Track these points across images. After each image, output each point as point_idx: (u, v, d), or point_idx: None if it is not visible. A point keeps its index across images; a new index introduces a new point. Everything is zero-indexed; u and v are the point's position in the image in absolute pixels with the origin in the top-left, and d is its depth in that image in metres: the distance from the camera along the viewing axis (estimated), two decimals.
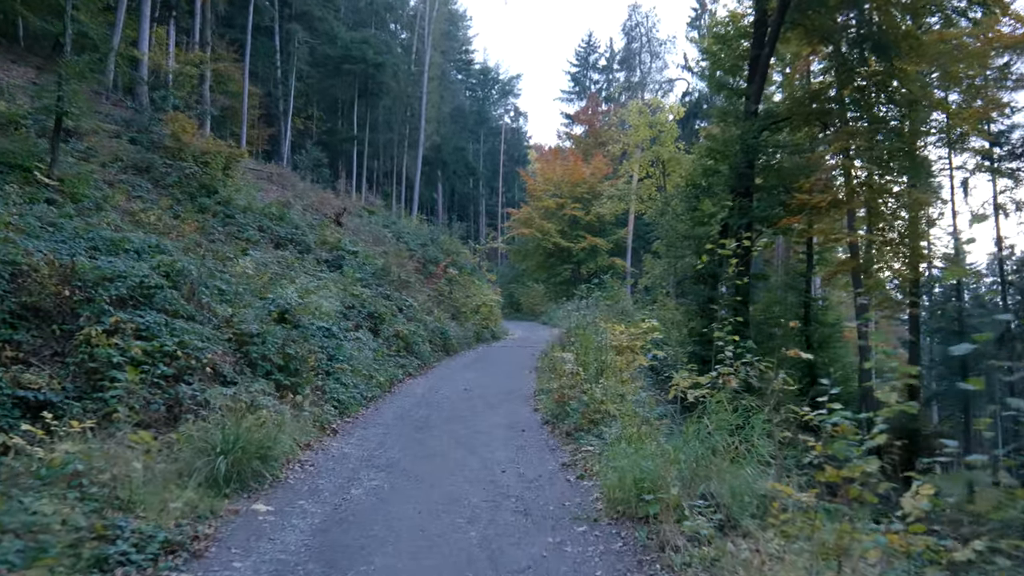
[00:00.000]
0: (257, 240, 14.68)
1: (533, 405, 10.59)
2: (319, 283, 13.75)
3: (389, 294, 16.61)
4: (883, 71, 17.98)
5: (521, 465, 6.79)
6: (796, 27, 18.65)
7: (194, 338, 7.53)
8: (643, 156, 36.40)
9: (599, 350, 8.73)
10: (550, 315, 33.64)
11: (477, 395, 11.62)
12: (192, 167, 15.15)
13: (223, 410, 6.61)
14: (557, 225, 38.79)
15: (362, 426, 8.76)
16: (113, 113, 17.71)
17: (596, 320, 11.21)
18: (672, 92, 55.53)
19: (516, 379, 13.72)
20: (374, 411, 9.89)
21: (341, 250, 17.16)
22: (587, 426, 7.48)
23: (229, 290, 9.70)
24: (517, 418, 9.47)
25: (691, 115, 46.51)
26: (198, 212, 14.02)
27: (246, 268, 11.84)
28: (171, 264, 8.90)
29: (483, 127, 64.00)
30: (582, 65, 63.60)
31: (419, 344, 15.31)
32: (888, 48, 16.98)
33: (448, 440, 7.94)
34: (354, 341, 12.01)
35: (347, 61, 35.77)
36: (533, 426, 8.80)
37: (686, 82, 53.75)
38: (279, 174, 23.47)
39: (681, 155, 35.63)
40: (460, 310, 21.22)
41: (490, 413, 9.85)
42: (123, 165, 14.58)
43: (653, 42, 55.20)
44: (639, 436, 5.64)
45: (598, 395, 7.48)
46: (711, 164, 20.07)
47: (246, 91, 28.55)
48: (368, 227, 22.51)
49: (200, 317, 8.35)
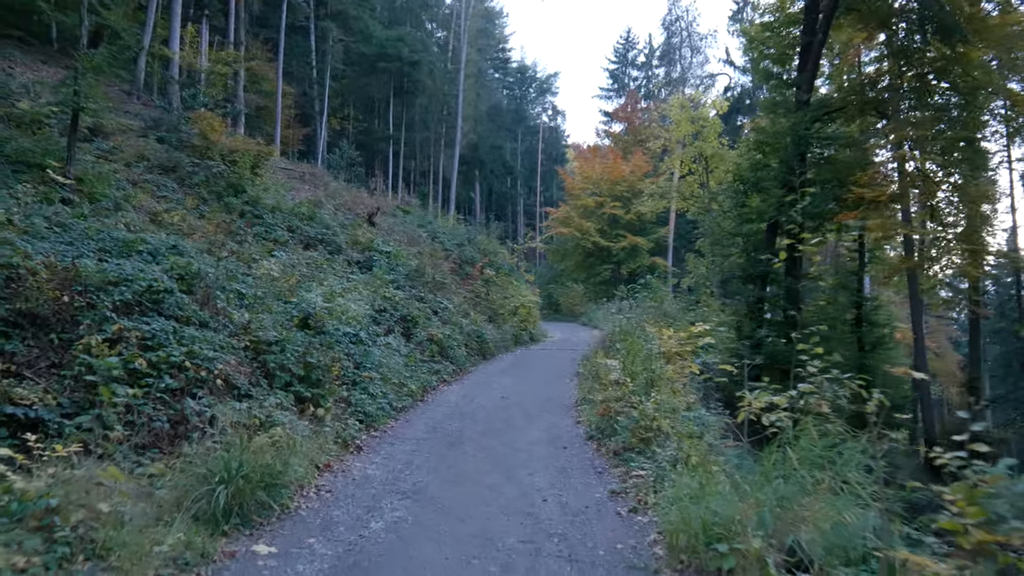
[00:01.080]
0: (285, 241, 14.12)
1: (575, 417, 9.76)
2: (348, 285, 13.13)
3: (423, 296, 15.93)
4: (944, 57, 16.76)
5: (564, 492, 5.96)
6: (850, 12, 17.53)
7: (205, 347, 6.88)
8: (685, 152, 35.26)
9: (649, 358, 7.87)
10: (590, 316, 32.78)
11: (515, 404, 10.84)
12: (219, 166, 14.65)
13: (232, 428, 5.94)
14: (596, 224, 37.86)
15: (389, 441, 8.03)
16: (143, 113, 17.36)
17: (643, 323, 10.33)
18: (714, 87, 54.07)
19: (556, 386, 12.91)
20: (404, 423, 9.17)
21: (373, 251, 16.53)
22: (637, 445, 6.63)
23: (249, 294, 9.07)
24: (558, 432, 8.66)
25: (734, 111, 45.16)
26: (224, 212, 13.50)
27: (271, 270, 11.25)
28: (186, 266, 8.30)
29: (520, 126, 63.27)
30: (621, 62, 62.48)
31: (454, 348, 14.61)
32: (953, 30, 15.76)
33: (482, 459, 7.16)
34: (384, 347, 11.32)
35: (382, 59, 35.32)
36: (576, 442, 7.98)
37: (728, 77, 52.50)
38: (312, 173, 23.00)
39: (725, 151, 34.45)
40: (497, 312, 20.47)
41: (529, 426, 9.06)
42: (149, 164, 14.17)
43: (694, 36, 53.94)
44: (703, 465, 4.78)
45: (649, 410, 6.63)
46: (759, 158, 19.02)
47: (279, 90, 28.23)
48: (402, 227, 21.89)
49: (214, 324, 7.71)
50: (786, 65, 20.39)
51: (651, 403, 6.73)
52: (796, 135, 16.59)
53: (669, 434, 6.43)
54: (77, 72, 10.54)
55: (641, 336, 9.53)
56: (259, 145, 16.45)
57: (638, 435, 6.62)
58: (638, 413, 6.74)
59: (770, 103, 19.32)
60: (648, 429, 6.58)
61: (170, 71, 20.84)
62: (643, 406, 6.76)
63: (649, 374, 7.55)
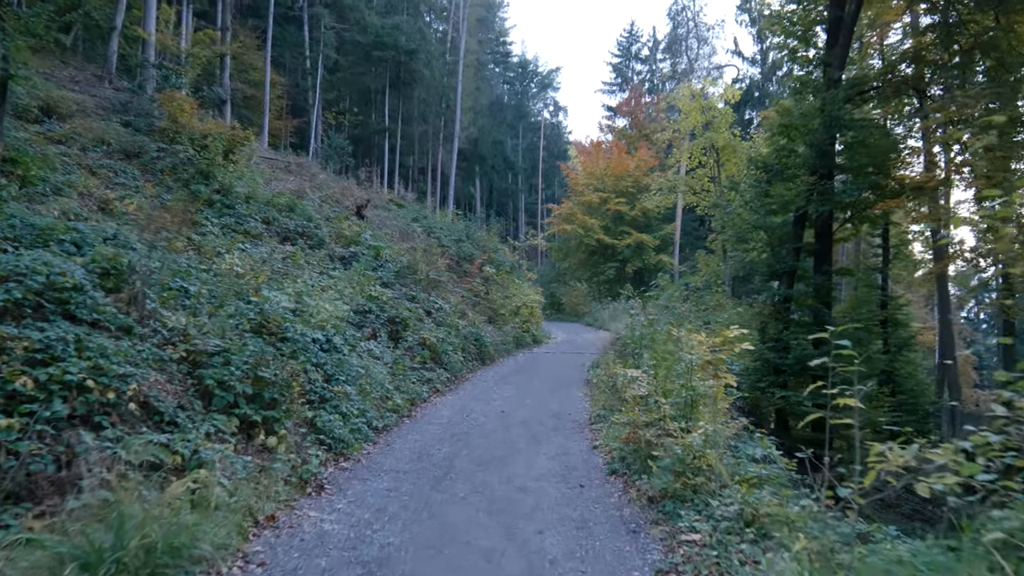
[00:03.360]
0: (259, 233, 12.54)
1: (590, 439, 8.17)
2: (328, 282, 11.57)
3: (415, 295, 14.37)
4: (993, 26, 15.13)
5: (588, 565, 4.34)
6: None
7: (118, 361, 5.30)
8: (695, 143, 33.69)
9: (687, 371, 6.28)
10: (595, 316, 31.35)
11: (517, 421, 9.26)
12: (188, 151, 13.07)
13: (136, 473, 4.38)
14: (601, 221, 36.33)
15: (361, 476, 6.43)
16: (112, 97, 15.83)
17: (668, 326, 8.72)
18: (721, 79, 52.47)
19: (564, 397, 11.35)
20: (383, 448, 7.58)
21: (360, 245, 14.95)
22: (681, 491, 5.05)
23: (196, 292, 7.49)
24: (571, 461, 7.07)
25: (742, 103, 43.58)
26: (188, 200, 11.92)
27: (234, 265, 9.67)
28: (114, 259, 6.72)
29: (522, 122, 61.77)
30: (624, 55, 60.95)
31: (449, 353, 13.07)
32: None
33: (476, 505, 5.56)
34: (365, 354, 9.75)
35: (377, 48, 33.73)
36: (595, 477, 6.39)
37: (736, 68, 50.91)
38: (298, 164, 21.40)
39: (737, 142, 32.94)
40: (498, 312, 18.91)
41: (535, 452, 7.47)
42: (109, 149, 12.63)
43: (700, 27, 52.39)
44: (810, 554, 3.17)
45: (697, 444, 5.04)
46: (784, 143, 17.39)
47: (267, 79, 26.68)
48: (395, 221, 20.30)
49: (141, 330, 6.14)
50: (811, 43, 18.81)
51: (698, 434, 5.13)
52: (828, 116, 15.01)
53: (723, 476, 4.85)
54: (4, 32, 8.96)
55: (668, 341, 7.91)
56: (233, 129, 14.84)
57: (683, 478, 5.03)
58: (682, 448, 5.14)
59: (799, 82, 17.66)
60: (696, 471, 5.00)
61: (145, 54, 19.31)
62: (688, 439, 5.16)
63: (689, 393, 5.97)
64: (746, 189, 19.11)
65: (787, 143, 17.08)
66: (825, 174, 15.16)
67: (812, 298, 15.85)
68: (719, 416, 5.93)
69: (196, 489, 4.66)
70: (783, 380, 15.09)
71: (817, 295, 15.78)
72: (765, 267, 17.58)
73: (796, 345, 15.24)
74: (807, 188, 15.10)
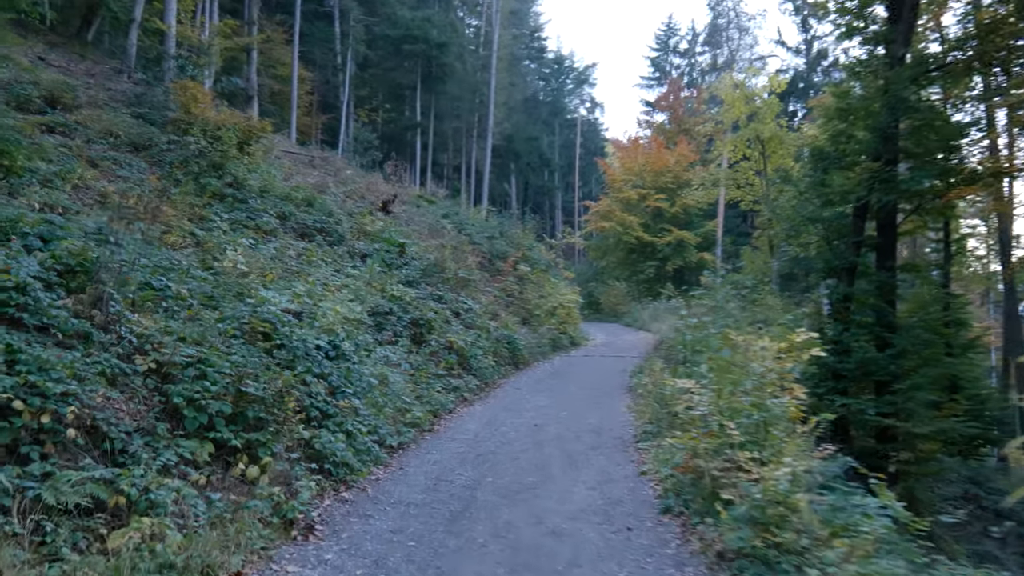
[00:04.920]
0: (273, 229, 11.63)
1: (636, 461, 7.01)
2: (343, 281, 10.60)
3: (442, 295, 13.35)
4: None
5: None
6: None
7: (59, 376, 4.31)
8: (739, 135, 32.09)
9: (759, 386, 5.09)
10: (634, 316, 30.11)
11: (551, 437, 8.15)
12: (200, 142, 12.23)
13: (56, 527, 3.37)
14: (639, 218, 35.04)
15: (364, 510, 5.38)
16: (129, 90, 15.17)
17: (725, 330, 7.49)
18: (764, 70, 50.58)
19: (604, 408, 10.20)
20: (396, 473, 6.53)
21: (383, 241, 13.98)
22: (761, 548, 3.87)
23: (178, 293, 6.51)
24: (616, 491, 5.92)
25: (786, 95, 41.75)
26: (197, 194, 11.05)
27: (237, 262, 8.74)
28: (80, 254, 5.79)
29: (557, 118, 60.54)
30: (662, 49, 59.26)
31: (478, 358, 12.01)
32: None
33: (497, 557, 4.43)
34: (381, 361, 8.73)
35: (408, 41, 32.84)
36: (645, 515, 5.23)
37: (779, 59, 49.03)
38: (323, 158, 20.56)
39: (784, 133, 31.28)
40: (532, 313, 17.79)
41: (572, 478, 6.34)
42: (116, 141, 11.88)
43: (742, 16, 50.60)
44: None
45: (783, 486, 3.85)
46: (843, 127, 15.96)
47: (295, 73, 25.96)
48: (423, 217, 19.31)
49: (104, 337, 5.17)
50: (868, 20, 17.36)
51: (783, 472, 3.94)
52: (893, 97, 13.61)
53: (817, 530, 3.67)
54: None
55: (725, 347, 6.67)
56: (249, 119, 13.99)
57: (765, 532, 3.86)
58: (762, 492, 3.97)
59: (859, 62, 16.20)
60: (783, 521, 3.83)
61: (165, 46, 18.66)
62: (770, 478, 3.97)
63: (764, 413, 4.78)
64: (800, 179, 17.70)
65: (845, 128, 15.68)
66: (890, 160, 13.80)
67: (875, 297, 14.49)
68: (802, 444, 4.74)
69: (141, 542, 3.65)
70: (843, 386, 13.79)
71: (880, 293, 14.42)
72: (822, 263, 16.17)
73: (858, 348, 13.91)
74: (869, 176, 13.75)
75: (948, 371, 16.22)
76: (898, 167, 14.37)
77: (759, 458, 4.56)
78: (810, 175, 16.46)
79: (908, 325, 15.16)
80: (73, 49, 17.63)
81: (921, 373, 14.14)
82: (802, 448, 4.52)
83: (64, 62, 15.82)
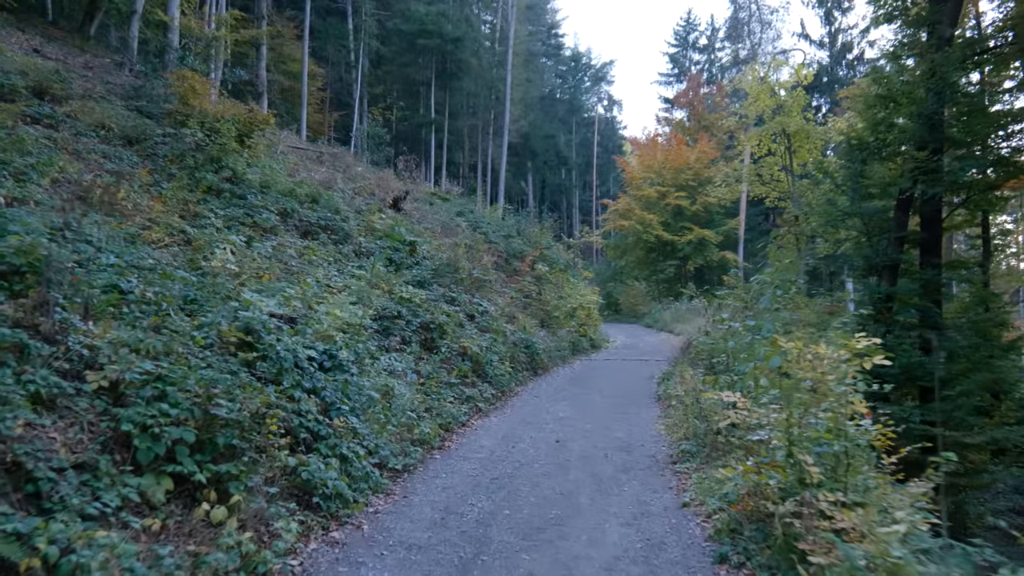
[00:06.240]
0: (273, 226, 10.79)
1: (675, 487, 6.07)
2: (346, 282, 9.74)
3: (455, 296, 12.47)
4: None
5: None
6: None
7: None
8: (764, 129, 30.96)
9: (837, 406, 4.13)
10: (655, 316, 29.17)
11: (576, 457, 7.23)
12: (197, 135, 11.43)
13: None
14: (659, 216, 34.05)
15: (354, 555, 4.49)
16: (128, 83, 14.46)
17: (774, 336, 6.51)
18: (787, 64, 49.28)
19: (632, 420, 9.28)
20: (398, 502, 5.64)
21: (391, 238, 13.12)
22: None
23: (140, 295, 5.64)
24: (656, 529, 4.99)
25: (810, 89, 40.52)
26: (190, 189, 10.24)
27: (227, 262, 7.90)
28: (28, 251, 4.95)
29: (575, 116, 59.70)
30: (681, 45, 58.15)
31: (494, 364, 11.13)
32: None
33: None
34: (384, 371, 7.85)
35: (422, 35, 32.05)
36: (697, 568, 4.26)
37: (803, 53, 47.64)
38: (331, 154, 19.74)
39: (811, 126, 30.13)
40: (551, 314, 16.87)
41: (602, 511, 5.42)
42: (108, 134, 11.10)
43: (763, 10, 49.22)
44: None
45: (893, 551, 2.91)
46: (883, 115, 14.89)
47: (305, 69, 25.17)
48: (436, 215, 18.44)
49: (47, 350, 4.32)
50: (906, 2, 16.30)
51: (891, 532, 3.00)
52: (939, 81, 12.57)
53: None
54: None
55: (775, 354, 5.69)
56: (250, 111, 13.19)
57: None
58: (867, 556, 3.01)
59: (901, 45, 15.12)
60: None
61: (168, 38, 17.96)
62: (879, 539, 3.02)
63: (849, 445, 3.82)
64: (836, 171, 16.61)
65: (886, 115, 14.63)
66: (936, 149, 12.79)
67: (919, 296, 13.46)
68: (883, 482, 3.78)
69: None
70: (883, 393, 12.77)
71: (925, 292, 13.40)
72: (861, 260, 15.11)
73: (901, 351, 12.85)
74: (913, 166, 12.73)
75: (997, 375, 15.16)
76: (943, 157, 13.38)
77: (842, 500, 3.62)
78: (847, 166, 15.42)
79: (958, 326, 14.11)
80: (73, 43, 17.00)
81: (971, 378, 13.07)
82: (897, 490, 3.57)
83: (61, 55, 15.15)
